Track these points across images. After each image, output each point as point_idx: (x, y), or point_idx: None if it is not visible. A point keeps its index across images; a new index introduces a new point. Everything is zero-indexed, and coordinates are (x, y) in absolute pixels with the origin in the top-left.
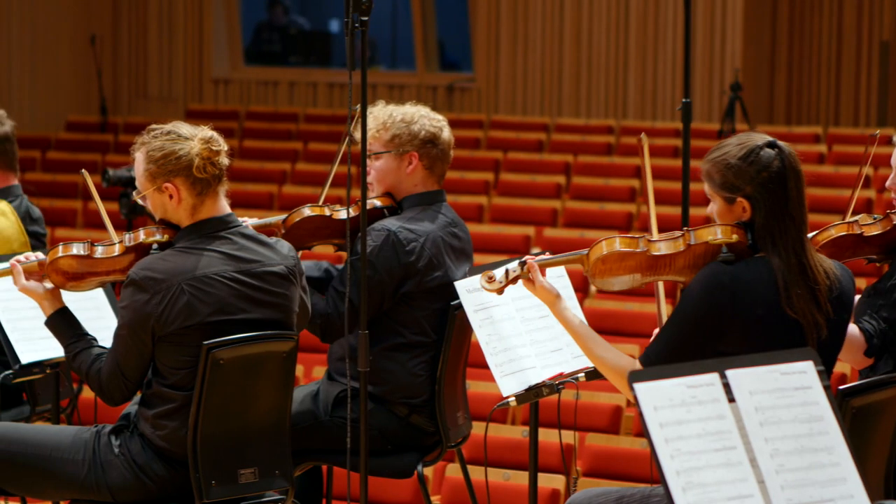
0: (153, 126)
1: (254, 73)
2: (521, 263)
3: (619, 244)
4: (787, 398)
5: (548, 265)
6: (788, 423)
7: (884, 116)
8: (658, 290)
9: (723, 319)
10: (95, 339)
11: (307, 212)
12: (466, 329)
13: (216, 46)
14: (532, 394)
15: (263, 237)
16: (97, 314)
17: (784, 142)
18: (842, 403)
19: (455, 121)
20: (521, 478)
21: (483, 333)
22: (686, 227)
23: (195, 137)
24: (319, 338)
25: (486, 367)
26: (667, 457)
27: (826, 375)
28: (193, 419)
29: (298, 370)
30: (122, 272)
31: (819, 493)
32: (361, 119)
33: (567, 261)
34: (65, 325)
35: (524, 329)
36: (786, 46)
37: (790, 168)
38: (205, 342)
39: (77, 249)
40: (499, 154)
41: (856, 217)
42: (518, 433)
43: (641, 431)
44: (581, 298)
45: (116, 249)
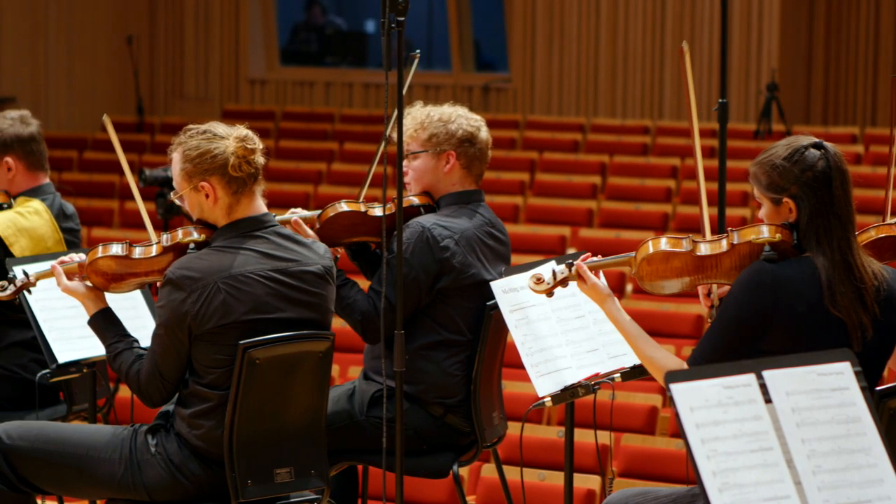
0: (189, 126)
1: (290, 74)
2: (569, 265)
3: (664, 244)
4: (824, 399)
5: (596, 267)
6: (825, 424)
7: None
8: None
9: (765, 318)
10: (137, 341)
11: (343, 207)
12: (502, 329)
13: (252, 47)
14: (568, 394)
15: (300, 237)
16: (134, 314)
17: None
18: (879, 405)
19: (491, 121)
20: (557, 478)
21: (519, 334)
22: (730, 228)
23: (230, 136)
24: (361, 336)
25: (522, 368)
26: (703, 458)
27: (863, 376)
28: (229, 418)
29: (334, 370)
30: (161, 272)
31: (856, 495)
32: (398, 119)
33: (615, 263)
34: (107, 325)
35: (560, 329)
36: (822, 46)
37: (835, 168)
38: (241, 342)
39: (116, 250)
40: (534, 154)
41: None
42: (554, 433)
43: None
44: (617, 299)
45: (154, 250)
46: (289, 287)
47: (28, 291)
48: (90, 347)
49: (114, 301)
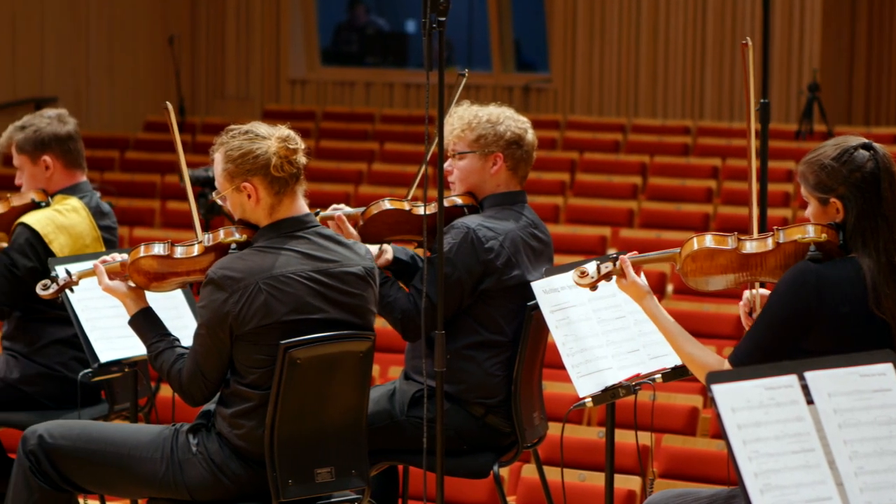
0: (232, 126)
1: (330, 74)
2: (614, 259)
3: (710, 241)
4: (866, 400)
5: (641, 263)
6: (867, 426)
7: None
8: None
9: (808, 317)
10: (178, 340)
11: (386, 205)
12: (543, 329)
13: (293, 47)
14: (608, 395)
15: (341, 238)
16: (176, 314)
17: None
18: None
19: (531, 121)
20: (597, 479)
21: (560, 334)
22: (776, 227)
23: (272, 136)
24: (400, 334)
25: (563, 368)
26: (745, 459)
27: None
28: (270, 418)
29: (374, 370)
30: (202, 272)
31: None
32: (438, 119)
33: (659, 259)
34: (148, 325)
35: (601, 330)
36: (864, 46)
37: (884, 170)
38: (282, 342)
39: (158, 250)
40: (575, 154)
41: None
42: (594, 434)
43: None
44: (658, 299)
45: (196, 249)
46: (329, 288)
47: (70, 290)
48: (132, 347)
49: (155, 301)
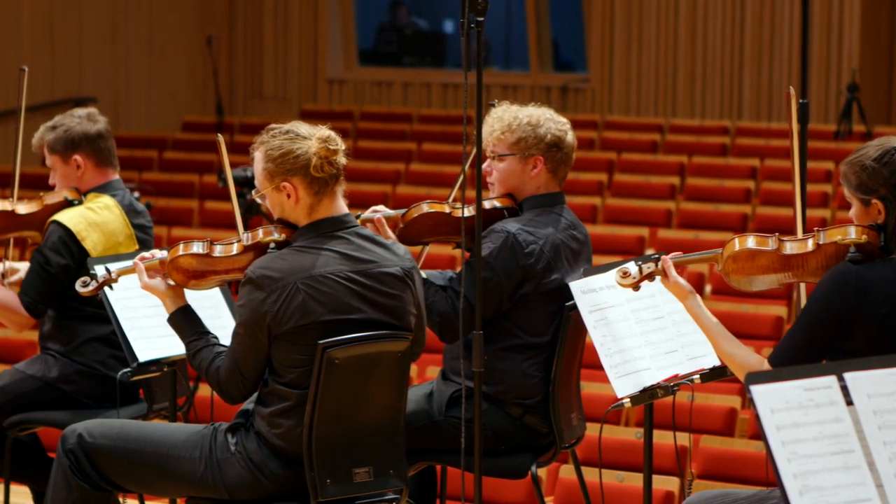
0: (272, 125)
1: (368, 74)
2: (655, 260)
3: (751, 242)
4: None
5: (682, 263)
6: None
7: None
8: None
9: (847, 318)
10: (216, 337)
11: (425, 208)
12: (581, 330)
13: (331, 47)
14: (647, 395)
15: (380, 238)
16: (214, 313)
17: None
18: None
19: (569, 121)
20: (636, 479)
21: (598, 334)
22: (817, 228)
23: (313, 137)
24: (438, 336)
25: (601, 368)
26: (783, 460)
27: None
28: (309, 418)
29: (412, 370)
30: (241, 271)
31: None
32: (476, 119)
33: (701, 259)
34: (186, 323)
35: (639, 330)
36: None
37: None
38: (320, 341)
39: (197, 248)
40: (613, 155)
41: None
42: (632, 434)
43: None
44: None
45: (235, 248)
46: (368, 288)
47: (110, 287)
48: (170, 346)
49: (194, 301)
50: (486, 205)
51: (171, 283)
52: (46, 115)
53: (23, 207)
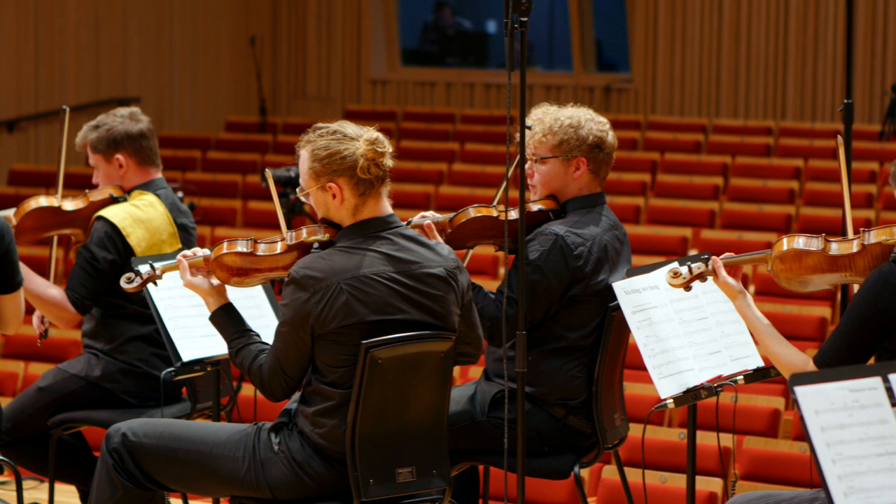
0: (319, 125)
1: (411, 74)
2: (705, 260)
3: (798, 242)
4: None
5: (732, 264)
6: None
7: None
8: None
9: (890, 318)
10: (258, 335)
11: (472, 213)
12: (624, 330)
13: (374, 47)
14: (690, 396)
15: (424, 238)
16: (258, 312)
17: None
18: None
19: (612, 121)
20: (679, 480)
21: (641, 335)
22: (863, 229)
23: (360, 138)
24: (487, 341)
25: (644, 369)
26: (828, 461)
27: None
28: (352, 417)
29: (455, 370)
30: (284, 269)
31: None
32: (520, 120)
33: (751, 260)
34: (229, 321)
35: (682, 331)
36: None
37: None
38: (363, 341)
39: (241, 247)
40: (656, 155)
41: None
42: (675, 435)
43: (800, 435)
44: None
45: (279, 247)
46: (411, 289)
47: (154, 284)
48: (214, 346)
49: (237, 301)
50: (532, 207)
51: (215, 282)
52: (91, 116)
53: (68, 204)
